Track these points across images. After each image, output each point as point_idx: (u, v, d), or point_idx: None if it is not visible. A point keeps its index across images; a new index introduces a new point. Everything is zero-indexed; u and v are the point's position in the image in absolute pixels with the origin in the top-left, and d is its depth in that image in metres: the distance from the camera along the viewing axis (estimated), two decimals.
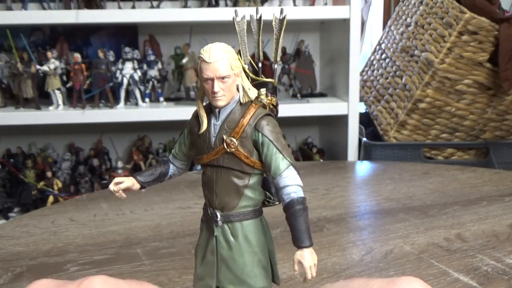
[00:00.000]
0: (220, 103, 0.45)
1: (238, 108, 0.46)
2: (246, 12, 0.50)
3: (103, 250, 0.83)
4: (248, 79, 0.48)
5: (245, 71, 0.47)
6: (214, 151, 0.46)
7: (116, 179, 0.49)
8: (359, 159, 1.78)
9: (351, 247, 0.81)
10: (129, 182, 0.49)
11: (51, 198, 1.67)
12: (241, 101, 0.46)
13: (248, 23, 0.49)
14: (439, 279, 0.70)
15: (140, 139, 2.00)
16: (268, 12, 0.53)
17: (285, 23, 0.49)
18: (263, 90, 0.47)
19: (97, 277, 0.43)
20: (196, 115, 0.48)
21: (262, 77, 0.49)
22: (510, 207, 0.99)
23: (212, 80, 0.44)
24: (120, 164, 1.73)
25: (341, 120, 1.81)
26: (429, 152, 1.77)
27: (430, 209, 0.99)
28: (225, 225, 0.46)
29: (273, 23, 0.48)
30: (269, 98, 0.48)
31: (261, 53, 0.50)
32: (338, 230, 0.89)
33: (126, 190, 0.50)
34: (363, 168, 1.45)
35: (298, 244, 0.44)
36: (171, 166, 0.51)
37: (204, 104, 0.48)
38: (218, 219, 0.46)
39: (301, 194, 0.45)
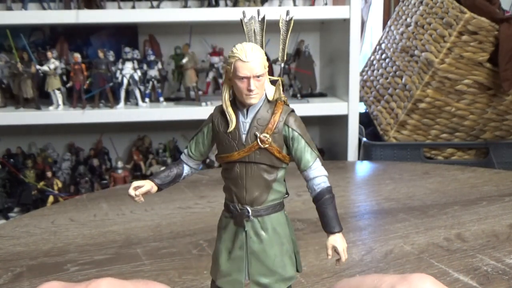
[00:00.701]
0: (254, 100, 0.47)
1: (266, 106, 0.48)
2: (254, 12, 0.50)
3: (103, 250, 0.83)
4: None
5: None
6: (247, 148, 0.47)
7: (135, 183, 0.50)
8: (359, 159, 1.78)
9: (351, 247, 0.81)
10: (148, 185, 0.50)
11: (51, 198, 1.67)
12: (270, 99, 0.48)
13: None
14: (439, 279, 0.70)
15: (140, 139, 2.00)
16: (269, 12, 0.53)
17: (291, 24, 0.49)
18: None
19: (104, 279, 0.44)
20: (220, 114, 0.49)
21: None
22: (510, 207, 0.99)
23: (249, 78, 0.46)
24: (120, 164, 1.73)
25: (341, 120, 1.81)
26: (429, 152, 1.77)
27: (430, 209, 0.99)
28: (255, 219, 0.48)
29: (280, 24, 0.49)
30: (284, 96, 0.49)
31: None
32: None
33: (145, 193, 0.50)
34: (363, 168, 1.45)
35: (330, 230, 0.47)
36: (185, 166, 0.53)
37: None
38: (250, 214, 0.48)
39: (329, 184, 0.48)
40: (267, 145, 0.47)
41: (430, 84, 1.65)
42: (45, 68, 1.66)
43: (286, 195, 0.51)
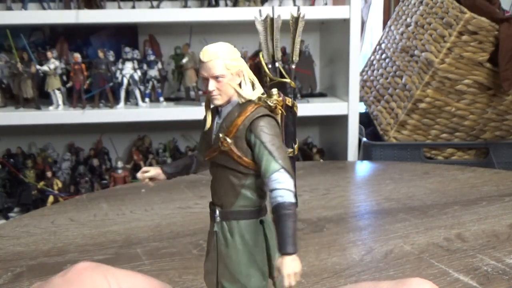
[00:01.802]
0: (216, 102, 0.46)
1: (236, 107, 0.46)
2: (268, 12, 0.50)
3: (103, 250, 0.83)
4: (266, 79, 0.48)
5: (265, 71, 0.48)
6: (212, 149, 0.47)
7: (144, 168, 0.52)
8: (359, 159, 1.78)
9: (351, 247, 0.81)
10: (154, 171, 0.52)
11: (51, 198, 1.67)
12: (240, 101, 0.46)
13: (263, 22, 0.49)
14: (439, 279, 0.70)
15: (140, 139, 2.00)
16: (270, 12, 0.53)
17: (300, 22, 0.49)
18: (275, 90, 0.47)
19: (84, 263, 0.45)
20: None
21: (285, 77, 0.49)
22: (510, 207, 0.99)
23: (207, 79, 0.45)
24: (120, 164, 1.73)
25: (341, 120, 1.81)
26: (429, 152, 1.77)
27: (430, 209, 0.99)
28: (224, 222, 0.47)
29: (290, 22, 0.49)
30: (279, 99, 0.47)
31: (278, 53, 0.50)
32: (338, 230, 0.89)
33: (153, 179, 0.52)
34: (363, 168, 1.45)
35: (280, 249, 0.42)
36: (195, 160, 0.53)
37: None
38: (216, 215, 0.48)
39: (289, 199, 0.43)
40: (226, 148, 0.45)
41: (430, 84, 1.65)
42: (45, 68, 1.66)
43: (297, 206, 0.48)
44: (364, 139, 1.78)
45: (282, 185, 0.43)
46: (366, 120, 1.91)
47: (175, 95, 1.92)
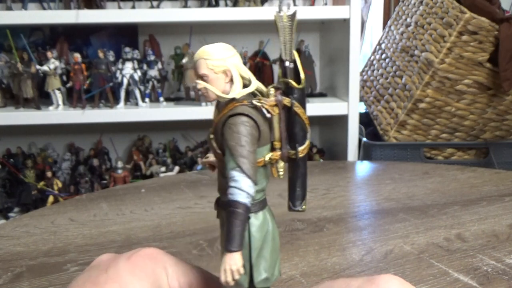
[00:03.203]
0: (205, 99, 0.49)
1: (222, 106, 0.47)
2: (283, 10, 0.50)
3: (103, 250, 0.82)
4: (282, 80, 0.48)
5: (284, 72, 0.48)
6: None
7: (207, 155, 0.53)
8: (359, 159, 1.78)
9: (351, 247, 0.81)
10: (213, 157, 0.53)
11: (51, 198, 1.67)
12: (222, 99, 0.47)
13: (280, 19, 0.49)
14: (439, 279, 0.70)
15: (140, 139, 2.00)
16: (270, 12, 0.52)
17: (295, 20, 0.48)
18: (271, 90, 0.47)
19: (148, 249, 0.46)
20: None
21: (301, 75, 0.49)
22: (510, 207, 0.99)
23: (197, 78, 0.48)
24: (120, 164, 1.73)
25: (341, 120, 1.81)
26: (429, 152, 1.77)
27: (430, 209, 0.99)
28: (222, 211, 0.48)
29: (284, 20, 0.48)
30: (270, 99, 0.47)
31: (287, 52, 0.50)
32: (338, 230, 0.89)
33: (211, 164, 0.53)
34: (363, 168, 1.45)
35: (223, 246, 0.44)
36: None
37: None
38: (217, 204, 0.49)
39: (237, 198, 0.44)
40: (212, 144, 0.47)
41: (430, 84, 1.65)
42: (45, 68, 1.66)
43: (301, 210, 0.49)
44: (364, 139, 1.78)
45: (234, 183, 0.44)
46: (366, 120, 1.91)
47: (175, 95, 1.92)
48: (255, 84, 0.48)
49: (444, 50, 1.62)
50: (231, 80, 0.47)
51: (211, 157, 0.52)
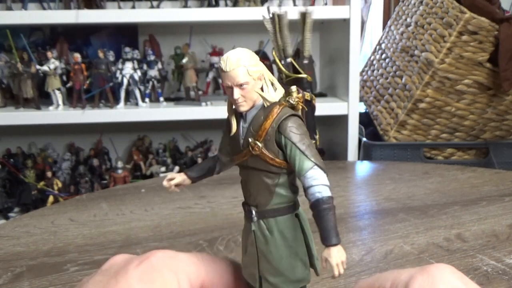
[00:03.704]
0: (242, 108, 0.46)
1: (262, 111, 0.47)
2: (275, 9, 0.50)
3: (103, 250, 0.83)
4: (283, 76, 0.48)
5: (279, 68, 0.48)
6: (243, 153, 0.47)
7: (169, 176, 0.52)
8: (359, 159, 1.78)
9: (351, 247, 0.81)
10: (180, 178, 0.52)
11: (51, 198, 1.67)
12: (265, 104, 0.47)
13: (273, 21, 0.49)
14: None
15: (140, 139, 2.00)
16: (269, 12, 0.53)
17: (309, 19, 0.49)
18: (294, 87, 0.48)
19: (158, 251, 0.46)
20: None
21: (302, 73, 0.49)
22: (510, 207, 0.99)
23: (231, 88, 0.45)
24: (120, 164, 1.73)
25: (341, 120, 1.81)
26: (429, 152, 1.77)
27: (430, 209, 0.99)
28: (261, 221, 0.48)
29: (300, 19, 0.49)
30: (299, 95, 0.48)
31: (289, 50, 0.50)
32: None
33: (178, 185, 0.52)
34: (363, 168, 1.45)
35: (324, 242, 0.45)
36: (218, 161, 0.53)
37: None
38: (253, 215, 0.48)
39: (327, 194, 0.45)
40: (258, 152, 0.46)
41: (430, 84, 1.65)
42: (45, 68, 1.66)
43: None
44: (364, 139, 1.78)
45: (317, 181, 0.45)
46: (366, 120, 1.91)
47: (175, 95, 1.92)
48: (279, 84, 0.49)
49: (444, 50, 1.62)
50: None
51: (177, 178, 0.52)
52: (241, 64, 0.45)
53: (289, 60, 0.50)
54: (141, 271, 0.43)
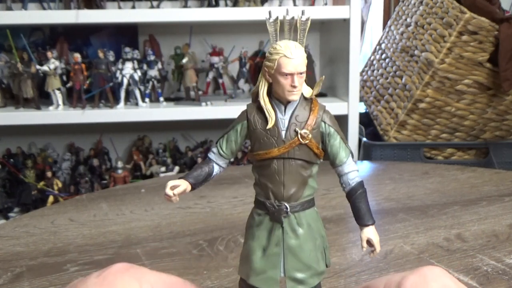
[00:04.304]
0: (295, 97, 0.48)
1: (303, 103, 0.49)
2: (279, 12, 0.51)
3: (103, 250, 0.83)
4: None
5: None
6: (287, 144, 0.48)
7: (171, 183, 0.49)
8: (359, 159, 1.78)
9: (351, 247, 0.81)
10: (184, 185, 0.49)
11: (51, 198, 1.67)
12: (306, 96, 0.49)
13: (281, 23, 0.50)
14: None
15: (140, 139, 2.00)
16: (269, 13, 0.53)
17: (309, 24, 0.50)
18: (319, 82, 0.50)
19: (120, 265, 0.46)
20: (257, 111, 0.49)
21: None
22: (510, 207, 0.99)
23: (293, 75, 0.47)
24: (120, 164, 1.73)
25: (341, 120, 1.81)
26: (429, 152, 1.77)
27: (430, 209, 0.99)
28: (292, 215, 0.49)
29: (297, 24, 0.50)
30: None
31: None
32: (338, 230, 0.89)
33: (181, 193, 0.50)
34: (363, 168, 1.45)
35: (364, 222, 0.49)
36: (215, 165, 0.52)
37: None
38: (288, 210, 0.48)
39: (360, 178, 0.50)
40: (307, 141, 0.48)
41: (430, 84, 1.65)
42: (45, 68, 1.66)
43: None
44: (364, 139, 1.78)
45: (354, 167, 0.50)
46: (366, 120, 1.91)
47: (175, 95, 1.92)
48: None
49: (444, 50, 1.62)
50: None
51: (182, 186, 0.49)
52: (303, 54, 0.47)
53: None
54: (101, 280, 0.43)
